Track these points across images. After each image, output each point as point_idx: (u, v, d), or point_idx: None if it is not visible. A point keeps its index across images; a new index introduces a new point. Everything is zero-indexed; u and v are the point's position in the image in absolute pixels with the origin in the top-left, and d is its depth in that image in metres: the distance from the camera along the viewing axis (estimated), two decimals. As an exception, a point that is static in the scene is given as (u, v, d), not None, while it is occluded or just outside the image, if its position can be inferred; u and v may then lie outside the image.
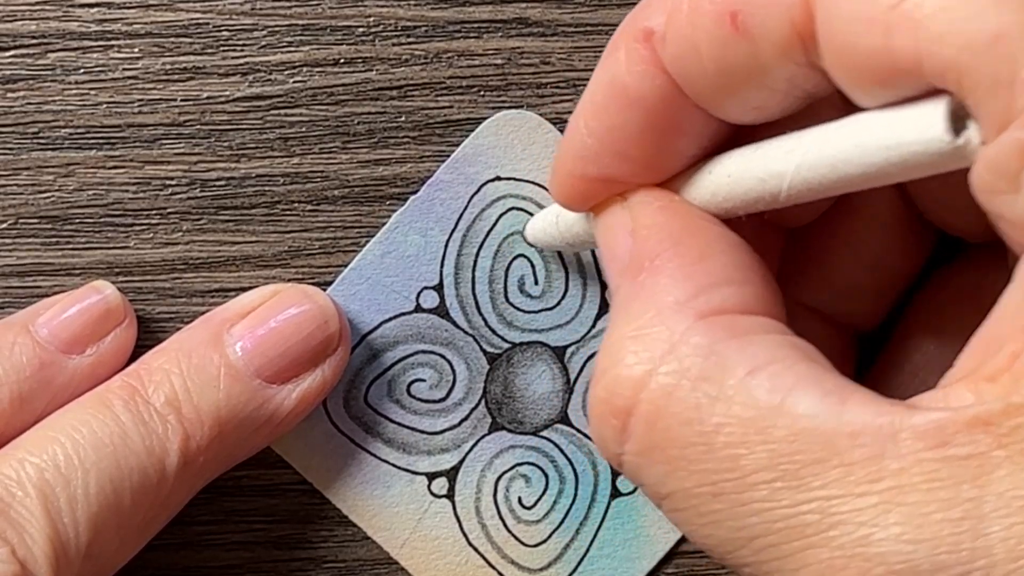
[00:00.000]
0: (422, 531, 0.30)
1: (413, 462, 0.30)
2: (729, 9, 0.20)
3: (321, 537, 0.30)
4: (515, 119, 0.30)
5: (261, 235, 0.30)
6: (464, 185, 0.30)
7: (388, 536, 0.30)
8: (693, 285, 0.21)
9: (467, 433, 0.30)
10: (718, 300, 0.21)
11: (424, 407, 0.30)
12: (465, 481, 0.30)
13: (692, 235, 0.22)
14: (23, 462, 0.25)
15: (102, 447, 0.26)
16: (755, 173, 0.22)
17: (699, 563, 0.30)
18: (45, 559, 0.24)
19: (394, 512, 0.30)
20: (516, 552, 0.30)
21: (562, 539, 0.30)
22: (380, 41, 0.30)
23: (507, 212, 0.30)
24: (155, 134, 0.30)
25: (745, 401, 0.19)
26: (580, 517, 0.30)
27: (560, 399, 0.30)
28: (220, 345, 0.28)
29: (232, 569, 0.30)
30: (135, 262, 0.30)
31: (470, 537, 0.30)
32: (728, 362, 0.20)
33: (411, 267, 0.30)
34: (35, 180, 0.30)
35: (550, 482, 0.30)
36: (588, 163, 0.23)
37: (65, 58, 0.30)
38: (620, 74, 0.22)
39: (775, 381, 0.19)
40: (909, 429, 0.18)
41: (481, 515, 0.30)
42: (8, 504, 0.25)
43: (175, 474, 0.26)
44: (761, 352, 0.20)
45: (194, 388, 0.27)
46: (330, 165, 0.30)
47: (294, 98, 0.30)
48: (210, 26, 0.30)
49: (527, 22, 0.30)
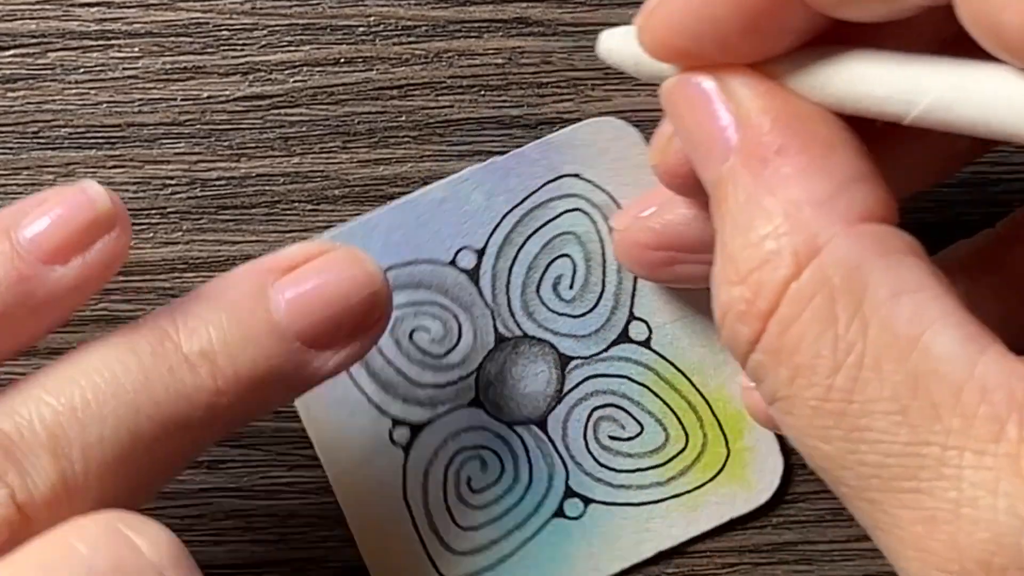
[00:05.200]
0: (366, 470, 0.30)
1: (387, 402, 0.30)
2: None
3: (321, 537, 0.30)
4: (618, 129, 0.30)
5: (261, 235, 0.30)
6: (545, 168, 0.30)
7: (333, 460, 0.30)
8: (831, 181, 0.20)
9: (447, 397, 0.30)
10: (860, 201, 0.20)
11: (419, 356, 0.30)
12: (426, 441, 0.30)
13: (812, 125, 0.21)
14: (39, 402, 0.24)
15: (124, 394, 0.24)
16: (880, 91, 0.20)
17: (699, 563, 0.30)
18: (46, 505, 0.23)
19: (348, 440, 0.30)
20: (444, 526, 0.30)
21: (492, 534, 0.30)
22: (380, 41, 0.30)
23: (573, 211, 0.30)
24: (155, 134, 0.30)
25: (883, 324, 0.19)
26: (518, 521, 0.30)
27: (545, 404, 0.30)
28: (265, 299, 0.26)
29: (232, 569, 0.30)
30: (135, 262, 0.30)
31: (408, 494, 0.30)
32: (872, 280, 0.19)
33: (463, 222, 0.30)
34: (35, 180, 0.30)
35: (504, 475, 0.30)
36: (685, 39, 0.22)
37: (65, 58, 0.30)
38: None
39: (917, 310, 0.19)
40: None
41: (427, 478, 0.30)
42: (15, 445, 0.23)
43: (198, 428, 0.25)
44: (907, 275, 0.19)
45: (233, 342, 0.25)
46: (330, 165, 0.30)
47: (294, 98, 0.30)
48: (210, 26, 0.30)
49: (528, 22, 0.30)
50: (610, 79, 0.30)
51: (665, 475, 0.30)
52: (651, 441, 0.30)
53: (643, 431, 0.30)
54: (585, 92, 0.30)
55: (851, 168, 0.20)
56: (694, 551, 0.30)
